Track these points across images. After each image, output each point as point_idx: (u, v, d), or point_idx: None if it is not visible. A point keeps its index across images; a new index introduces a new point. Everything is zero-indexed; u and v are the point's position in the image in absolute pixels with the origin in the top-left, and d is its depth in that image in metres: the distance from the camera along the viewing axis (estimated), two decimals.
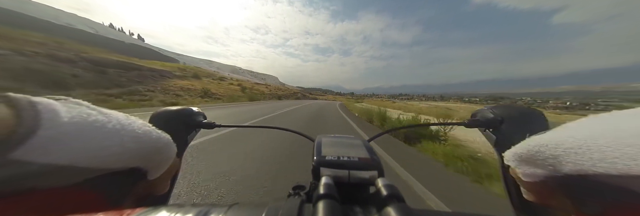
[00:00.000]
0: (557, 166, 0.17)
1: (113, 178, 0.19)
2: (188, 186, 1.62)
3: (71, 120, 0.15)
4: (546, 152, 0.17)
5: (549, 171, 0.18)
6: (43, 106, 0.14)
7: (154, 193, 0.26)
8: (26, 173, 0.13)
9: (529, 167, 0.20)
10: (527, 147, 0.20)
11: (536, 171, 0.19)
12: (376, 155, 0.25)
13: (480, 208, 1.51)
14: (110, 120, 0.18)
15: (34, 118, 0.13)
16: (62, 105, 0.16)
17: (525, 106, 0.33)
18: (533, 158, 0.19)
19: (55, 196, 0.15)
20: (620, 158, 0.13)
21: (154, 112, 0.35)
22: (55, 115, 0.14)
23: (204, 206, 0.16)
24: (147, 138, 0.21)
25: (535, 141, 0.19)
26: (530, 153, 0.19)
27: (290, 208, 0.15)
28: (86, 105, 0.18)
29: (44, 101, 0.15)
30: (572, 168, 0.15)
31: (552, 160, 0.17)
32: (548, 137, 0.18)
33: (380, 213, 0.15)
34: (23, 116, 0.13)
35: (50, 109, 0.15)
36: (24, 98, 0.14)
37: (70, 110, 0.16)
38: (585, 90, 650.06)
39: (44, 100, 0.15)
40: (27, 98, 0.14)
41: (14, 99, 0.14)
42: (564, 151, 0.16)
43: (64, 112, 0.15)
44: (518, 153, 0.20)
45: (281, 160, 2.32)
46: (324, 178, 0.19)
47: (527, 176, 0.20)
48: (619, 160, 0.13)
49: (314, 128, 4.97)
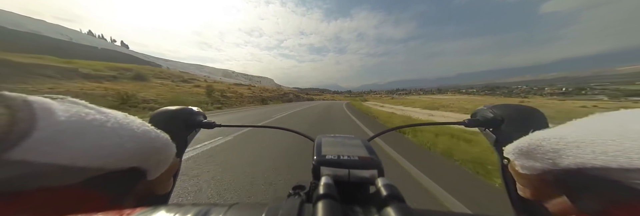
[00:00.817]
0: (556, 160, 0.17)
1: (113, 177, 0.18)
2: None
3: (68, 119, 0.15)
4: (548, 146, 0.17)
5: (548, 165, 0.18)
6: (38, 105, 0.14)
7: (154, 193, 0.26)
8: (25, 173, 0.13)
9: (529, 160, 0.20)
10: (529, 140, 0.20)
11: (535, 165, 0.19)
12: (376, 154, 0.25)
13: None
14: (109, 119, 0.18)
15: (29, 118, 0.13)
16: (58, 104, 0.16)
17: (526, 105, 0.33)
18: (534, 152, 0.19)
19: (55, 196, 0.15)
20: (623, 151, 0.13)
21: (154, 112, 0.35)
22: (51, 114, 0.14)
23: (204, 206, 0.16)
24: (146, 138, 0.20)
25: (538, 135, 0.19)
26: (532, 147, 0.19)
27: (290, 208, 0.15)
28: (83, 104, 0.18)
29: (39, 100, 0.15)
30: (572, 162, 0.16)
31: (553, 154, 0.17)
32: (552, 131, 0.18)
33: (380, 213, 0.15)
34: (18, 116, 0.13)
35: (46, 108, 0.14)
36: (19, 97, 0.14)
37: (68, 109, 0.16)
38: (575, 76, 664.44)
39: (39, 99, 0.15)
40: (22, 97, 0.14)
41: (9, 98, 0.13)
42: (566, 144, 0.16)
43: (61, 111, 0.15)
44: (519, 146, 0.20)
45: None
46: (324, 178, 0.19)
47: (526, 169, 0.20)
48: (622, 153, 0.13)
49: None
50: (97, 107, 0.19)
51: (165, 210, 0.15)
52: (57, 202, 0.16)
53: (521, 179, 0.22)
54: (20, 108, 0.13)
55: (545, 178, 0.19)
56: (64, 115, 0.15)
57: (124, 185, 0.20)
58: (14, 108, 0.13)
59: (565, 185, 0.18)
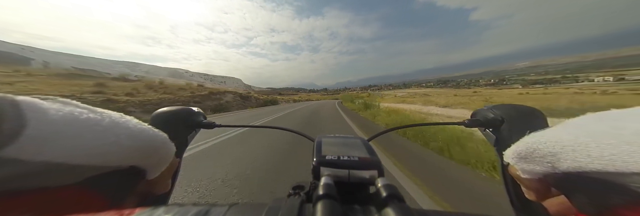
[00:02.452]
0: (555, 164, 0.17)
1: (112, 177, 0.18)
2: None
3: (62, 118, 0.15)
4: (544, 149, 0.17)
5: (547, 168, 0.18)
6: (26, 105, 0.14)
7: (154, 193, 0.26)
8: (20, 172, 0.13)
9: (528, 164, 0.19)
10: (526, 144, 0.20)
11: (535, 169, 0.19)
12: (376, 155, 0.25)
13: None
14: (104, 118, 0.18)
15: (18, 117, 0.13)
16: (49, 104, 0.16)
17: (526, 105, 0.33)
18: (532, 156, 0.19)
19: (54, 196, 0.15)
20: (618, 155, 0.13)
21: (154, 113, 0.35)
22: (42, 114, 0.14)
23: (204, 206, 0.16)
24: (143, 136, 0.20)
25: (533, 138, 0.19)
26: (529, 151, 0.19)
27: (290, 208, 0.15)
28: (75, 104, 0.18)
29: (27, 100, 0.15)
30: (570, 166, 0.16)
31: (551, 157, 0.17)
32: (547, 134, 0.18)
33: (380, 213, 0.15)
34: (6, 115, 0.13)
35: (36, 107, 0.14)
36: (5, 97, 0.14)
37: (60, 108, 0.16)
38: (492, 70, 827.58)
39: (27, 99, 0.15)
40: (9, 97, 0.14)
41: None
42: (562, 148, 0.16)
43: (53, 110, 0.15)
44: (517, 151, 0.20)
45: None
46: (324, 178, 0.19)
47: (526, 173, 0.20)
48: (617, 157, 0.13)
49: None
50: (90, 107, 0.19)
51: (165, 210, 0.14)
52: (56, 202, 0.16)
53: (522, 182, 0.22)
54: (7, 108, 0.13)
55: (545, 181, 0.19)
56: (56, 114, 0.15)
57: (123, 185, 0.20)
58: (1, 108, 0.13)
59: (565, 187, 0.18)
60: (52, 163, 0.14)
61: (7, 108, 0.13)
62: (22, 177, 0.13)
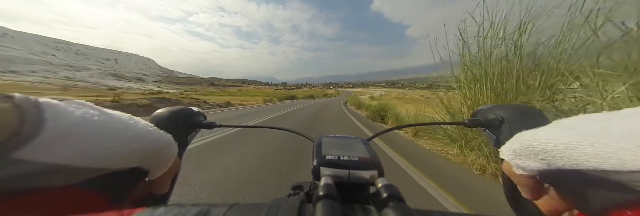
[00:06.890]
0: (550, 161, 0.17)
1: (114, 178, 0.19)
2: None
3: (76, 120, 0.15)
4: (539, 146, 0.18)
5: (542, 165, 0.18)
6: (47, 107, 0.14)
7: (155, 193, 0.26)
8: (29, 173, 0.13)
9: (523, 161, 0.20)
10: (520, 141, 0.20)
11: (529, 165, 0.19)
12: (376, 155, 0.25)
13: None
14: (113, 120, 0.18)
15: (37, 119, 0.13)
16: (66, 105, 0.16)
17: (526, 105, 0.33)
18: (526, 152, 0.19)
19: (55, 196, 0.15)
20: (613, 153, 0.13)
21: (154, 113, 0.36)
22: (59, 116, 0.15)
23: (204, 206, 0.16)
24: (150, 138, 0.21)
25: (527, 135, 0.19)
26: (523, 147, 0.19)
27: (290, 208, 0.15)
28: (90, 106, 0.18)
29: (47, 102, 0.15)
30: (566, 163, 0.16)
31: (545, 155, 0.17)
32: (540, 132, 0.19)
33: (380, 213, 0.15)
34: (27, 117, 0.13)
35: (54, 110, 0.15)
36: (28, 99, 0.14)
37: (75, 110, 0.16)
38: (417, 78, 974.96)
39: (47, 100, 0.15)
40: (31, 98, 0.15)
41: (18, 100, 0.14)
42: (556, 146, 0.16)
43: (69, 112, 0.16)
44: (512, 147, 0.21)
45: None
46: (324, 178, 0.20)
47: (521, 169, 0.20)
48: (613, 155, 0.13)
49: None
50: (102, 108, 0.19)
51: (165, 210, 0.15)
52: (57, 202, 0.16)
53: (518, 180, 0.22)
54: (30, 109, 0.14)
55: (541, 179, 0.20)
56: (71, 116, 0.15)
57: (124, 185, 0.21)
58: (24, 109, 0.13)
59: (561, 186, 0.18)
60: (57, 165, 0.14)
61: (30, 110, 0.14)
62: (25, 178, 0.13)
